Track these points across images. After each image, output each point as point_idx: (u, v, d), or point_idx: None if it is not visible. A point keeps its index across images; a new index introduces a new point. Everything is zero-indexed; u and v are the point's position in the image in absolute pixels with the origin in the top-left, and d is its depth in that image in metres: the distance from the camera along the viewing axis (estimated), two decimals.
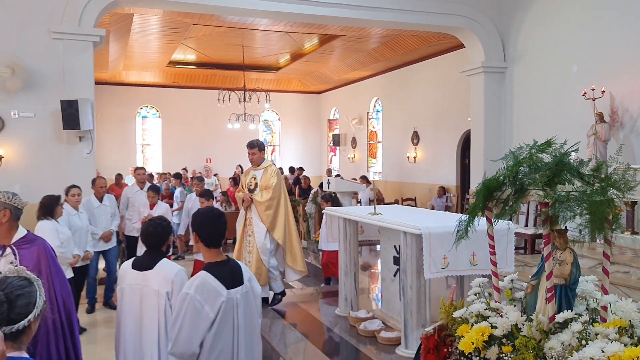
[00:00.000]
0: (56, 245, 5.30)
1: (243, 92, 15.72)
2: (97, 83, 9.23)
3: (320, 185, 12.58)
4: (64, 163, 8.04)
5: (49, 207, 5.62)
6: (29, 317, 1.65)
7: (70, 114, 7.70)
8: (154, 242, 3.48)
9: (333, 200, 7.77)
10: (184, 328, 2.65)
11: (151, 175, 13.34)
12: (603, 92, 7.77)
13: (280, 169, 18.14)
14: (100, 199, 7.41)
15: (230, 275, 2.85)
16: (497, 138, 10.03)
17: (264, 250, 5.96)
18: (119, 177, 12.69)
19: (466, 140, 12.72)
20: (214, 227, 2.90)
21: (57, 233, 5.61)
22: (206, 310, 2.67)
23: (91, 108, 7.98)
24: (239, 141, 19.50)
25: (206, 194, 7.40)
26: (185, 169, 17.45)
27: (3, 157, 7.90)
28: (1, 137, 7.88)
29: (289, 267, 6.27)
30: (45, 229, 5.40)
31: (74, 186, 6.66)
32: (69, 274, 5.74)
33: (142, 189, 8.28)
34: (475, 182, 9.04)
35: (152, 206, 7.89)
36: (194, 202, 9.34)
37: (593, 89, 7.79)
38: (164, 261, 3.46)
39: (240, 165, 17.94)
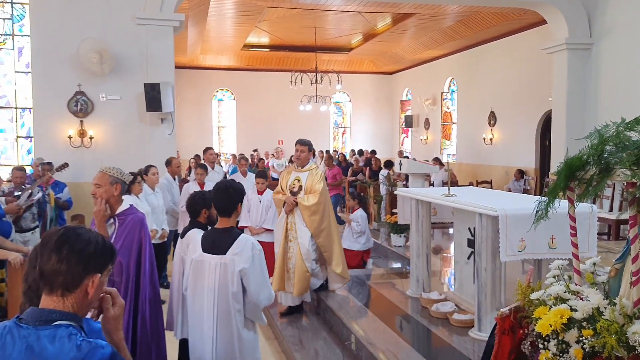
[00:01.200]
0: None
1: (315, 74, 15.81)
2: (176, 67, 9.62)
3: (390, 164, 12.49)
4: (147, 143, 8.49)
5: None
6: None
7: (152, 97, 8.09)
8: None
9: (360, 198, 7.77)
10: None
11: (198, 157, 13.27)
12: None
13: (353, 150, 18.17)
14: (175, 179, 7.74)
15: (213, 242, 3.22)
16: (580, 118, 9.50)
17: (308, 256, 5.59)
18: (197, 158, 13.13)
19: (547, 121, 12.15)
20: (218, 198, 3.28)
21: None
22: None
23: (172, 91, 8.34)
24: (310, 123, 19.76)
25: (261, 175, 7.54)
26: (256, 150, 17.86)
27: (93, 138, 8.46)
28: (91, 118, 8.43)
29: (333, 274, 5.87)
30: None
31: (152, 166, 6.97)
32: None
33: (212, 169, 8.52)
34: (556, 164, 8.63)
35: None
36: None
37: None
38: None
39: (256, 151, 17.76)
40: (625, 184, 2.32)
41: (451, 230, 8.58)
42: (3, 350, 1.59)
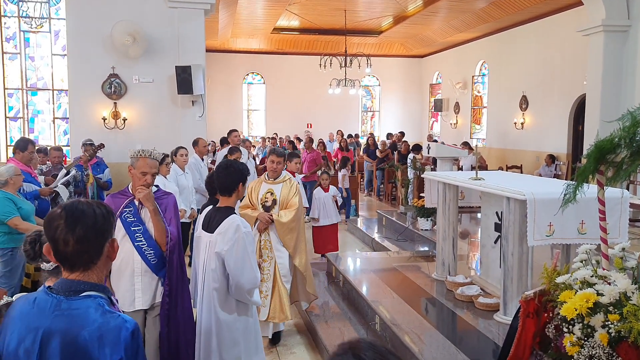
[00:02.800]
0: None
1: (344, 57, 15.72)
2: (207, 50, 9.72)
3: (418, 148, 12.41)
4: (178, 126, 8.64)
5: None
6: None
7: (184, 79, 8.21)
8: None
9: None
10: None
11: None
12: None
13: (371, 135, 18.04)
14: (203, 159, 7.87)
15: (208, 221, 3.37)
16: (615, 102, 9.24)
17: (288, 278, 4.98)
18: (224, 141, 13.12)
19: (580, 105, 11.86)
20: (219, 177, 3.38)
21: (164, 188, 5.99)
22: None
23: (202, 74, 8.45)
24: (339, 106, 19.71)
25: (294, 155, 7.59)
26: (275, 134, 17.87)
27: (126, 119, 8.65)
28: (124, 101, 8.61)
29: (305, 293, 5.25)
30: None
31: (182, 147, 7.10)
32: None
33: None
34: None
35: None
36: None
37: None
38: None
39: (295, 139, 16.92)
40: None
41: (479, 215, 8.51)
42: (35, 304, 1.68)
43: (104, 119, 8.58)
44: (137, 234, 3.39)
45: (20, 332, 1.65)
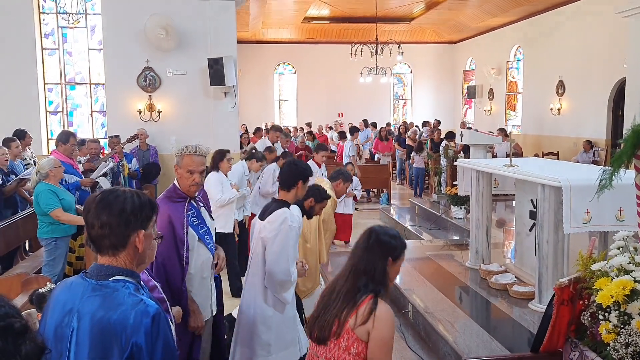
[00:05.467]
0: (216, 199, 5.61)
1: (375, 45, 15.60)
2: (239, 42, 9.80)
3: (451, 136, 12.25)
4: (211, 116, 8.78)
5: (215, 161, 5.89)
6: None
7: (216, 71, 8.31)
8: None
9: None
10: None
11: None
12: None
13: (404, 123, 17.83)
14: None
15: (265, 210, 3.48)
16: None
17: None
18: (259, 130, 13.17)
19: (620, 89, 11.48)
20: (282, 171, 3.55)
21: (221, 186, 5.80)
22: None
23: (234, 65, 8.54)
24: (370, 95, 19.60)
25: (321, 148, 7.57)
26: (308, 124, 17.87)
27: (161, 112, 8.82)
28: (159, 93, 8.79)
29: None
30: (210, 180, 5.76)
31: (228, 151, 6.41)
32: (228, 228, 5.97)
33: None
34: None
35: None
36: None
37: None
38: None
39: (327, 128, 16.87)
40: None
41: (514, 203, 8.40)
42: (71, 288, 1.78)
43: (140, 112, 8.78)
44: (206, 236, 3.29)
45: (57, 314, 1.74)
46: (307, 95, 19.94)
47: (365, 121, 16.97)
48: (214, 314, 3.47)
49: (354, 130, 12.74)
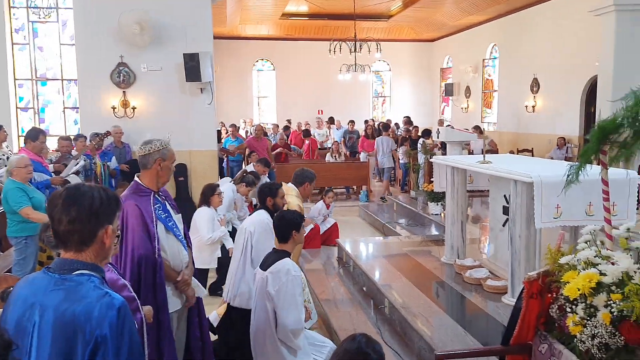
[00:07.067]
0: (207, 237, 5.66)
1: (354, 42, 15.61)
2: (216, 37, 9.71)
3: (428, 133, 12.36)
4: (187, 113, 8.69)
5: (205, 196, 5.87)
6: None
7: (192, 67, 8.23)
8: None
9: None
10: None
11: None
12: None
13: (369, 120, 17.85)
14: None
15: (266, 259, 3.62)
16: (628, 84, 9.07)
17: None
18: (233, 127, 12.86)
19: (593, 87, 11.69)
20: (274, 226, 3.73)
21: (212, 223, 5.78)
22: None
23: (210, 61, 8.46)
24: (349, 92, 19.62)
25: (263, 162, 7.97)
26: (289, 120, 17.83)
27: (136, 108, 8.70)
28: (133, 89, 8.66)
29: None
30: (202, 216, 5.78)
31: (218, 185, 6.33)
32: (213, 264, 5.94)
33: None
34: None
35: None
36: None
37: None
38: None
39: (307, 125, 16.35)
40: None
41: (489, 199, 8.50)
42: (33, 283, 1.77)
43: (114, 108, 8.64)
44: (175, 229, 3.30)
45: (18, 309, 1.72)
46: (286, 92, 19.88)
47: (331, 117, 16.86)
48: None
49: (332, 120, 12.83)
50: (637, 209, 4.30)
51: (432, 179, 8.02)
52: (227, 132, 13.17)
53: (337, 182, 12.13)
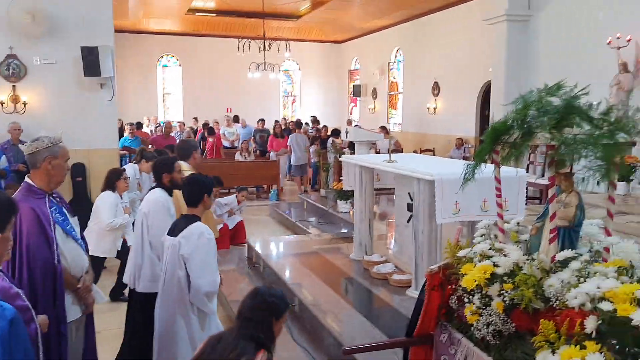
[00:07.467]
0: (107, 222, 5.43)
1: (263, 40, 15.55)
2: (117, 31, 9.25)
3: (337, 133, 12.62)
4: (86, 110, 8.20)
5: (110, 180, 5.66)
6: None
7: (90, 61, 7.79)
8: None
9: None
10: None
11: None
12: (629, 40, 7.54)
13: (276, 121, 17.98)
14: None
15: (175, 226, 3.49)
16: (518, 89, 9.82)
17: None
18: (132, 126, 12.37)
19: (487, 91, 12.52)
20: (185, 190, 3.55)
21: (115, 209, 5.59)
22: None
23: (111, 55, 8.04)
24: (259, 91, 19.52)
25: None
26: (195, 118, 17.43)
27: (27, 104, 8.08)
28: (25, 83, 8.03)
29: None
30: (105, 201, 5.53)
31: (124, 169, 6.30)
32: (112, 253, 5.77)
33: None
34: None
35: None
36: None
37: (619, 37, 7.56)
38: None
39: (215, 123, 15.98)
40: (546, 147, 2.47)
41: (395, 196, 8.82)
42: None
43: (2, 103, 7.97)
44: (73, 232, 3.12)
45: None
46: (193, 89, 19.37)
47: (236, 116, 16.63)
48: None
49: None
50: (526, 204, 4.66)
51: (341, 178, 8.21)
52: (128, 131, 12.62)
53: (247, 181, 11.99)
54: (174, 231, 3.45)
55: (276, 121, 15.69)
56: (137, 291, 3.94)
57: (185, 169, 4.48)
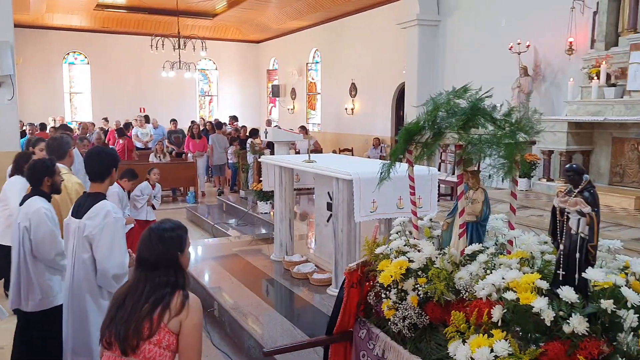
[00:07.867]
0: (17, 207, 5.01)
1: (177, 39, 15.14)
2: (17, 26, 8.62)
3: (255, 133, 12.55)
4: None
5: (18, 164, 5.07)
6: None
7: None
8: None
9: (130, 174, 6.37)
10: None
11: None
12: (528, 46, 8.11)
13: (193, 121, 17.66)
14: None
15: (78, 207, 3.22)
16: (430, 90, 10.27)
17: None
18: (34, 127, 11.70)
19: (402, 92, 12.96)
20: (88, 164, 3.28)
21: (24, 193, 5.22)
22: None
23: (11, 52, 7.50)
24: (174, 90, 18.99)
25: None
26: (105, 118, 16.64)
27: None
28: None
29: None
30: (17, 185, 5.05)
31: (34, 152, 5.59)
32: None
33: None
34: None
35: None
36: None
37: (519, 43, 8.10)
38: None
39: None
40: (455, 146, 2.60)
41: (315, 196, 8.91)
42: None
43: None
44: None
45: None
46: (103, 88, 18.47)
47: (146, 116, 16.10)
48: None
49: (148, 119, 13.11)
50: (438, 201, 4.87)
51: (261, 179, 8.18)
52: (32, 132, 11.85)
53: (162, 183, 11.61)
54: (78, 212, 3.19)
55: (193, 121, 15.33)
56: (27, 311, 3.57)
57: (63, 171, 4.14)
